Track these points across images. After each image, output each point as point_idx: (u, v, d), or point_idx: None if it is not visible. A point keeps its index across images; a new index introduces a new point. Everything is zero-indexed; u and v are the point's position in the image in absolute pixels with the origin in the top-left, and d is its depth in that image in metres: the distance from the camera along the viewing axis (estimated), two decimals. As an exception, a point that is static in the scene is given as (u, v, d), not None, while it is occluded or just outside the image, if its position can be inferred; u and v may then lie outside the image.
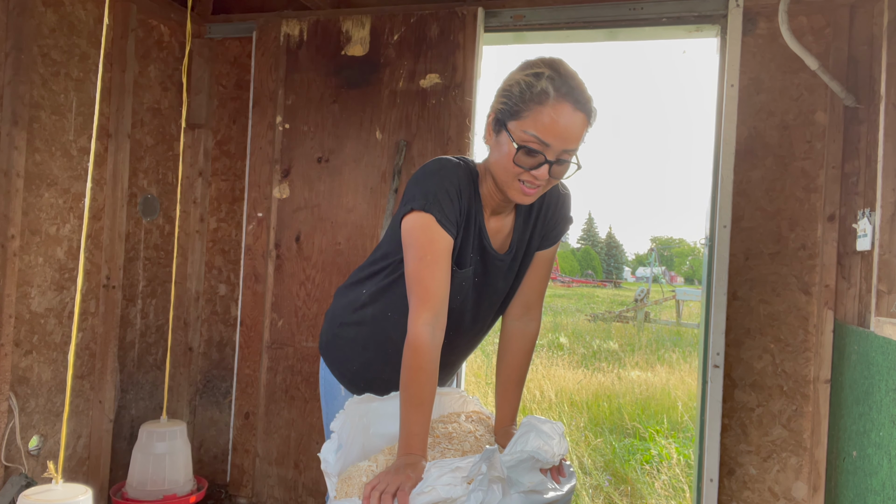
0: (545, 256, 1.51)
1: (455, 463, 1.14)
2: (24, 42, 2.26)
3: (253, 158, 2.96)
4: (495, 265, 1.43)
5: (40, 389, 2.43)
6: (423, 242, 1.28)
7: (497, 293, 1.48)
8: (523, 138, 1.24)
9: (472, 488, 1.09)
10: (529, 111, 1.23)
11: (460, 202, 1.31)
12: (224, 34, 3.11)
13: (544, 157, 1.24)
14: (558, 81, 1.23)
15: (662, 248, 66.20)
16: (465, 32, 2.68)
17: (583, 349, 9.20)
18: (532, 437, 1.23)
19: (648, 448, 4.43)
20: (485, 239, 1.39)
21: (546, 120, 1.22)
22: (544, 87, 1.23)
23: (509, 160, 1.26)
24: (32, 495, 1.60)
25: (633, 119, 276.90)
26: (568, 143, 1.25)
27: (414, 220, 1.30)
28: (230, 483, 2.96)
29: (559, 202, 1.49)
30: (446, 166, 1.33)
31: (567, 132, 1.23)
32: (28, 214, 2.34)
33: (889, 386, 1.80)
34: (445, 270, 1.30)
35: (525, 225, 1.46)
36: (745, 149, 2.47)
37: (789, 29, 2.23)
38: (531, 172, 1.26)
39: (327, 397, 1.61)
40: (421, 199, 1.29)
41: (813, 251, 2.43)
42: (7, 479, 2.27)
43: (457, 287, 1.39)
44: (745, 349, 2.48)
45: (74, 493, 1.63)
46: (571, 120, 1.23)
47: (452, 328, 1.44)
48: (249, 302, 2.94)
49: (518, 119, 1.25)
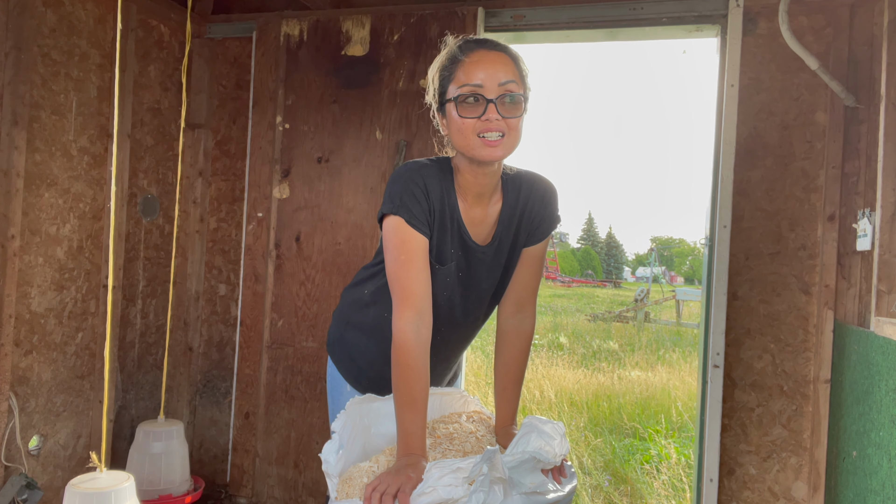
0: (534, 253, 1.51)
1: (456, 463, 1.14)
2: (24, 42, 2.26)
3: (253, 158, 2.96)
4: (478, 258, 1.44)
5: (40, 389, 2.43)
6: (397, 244, 1.33)
7: (483, 286, 1.49)
8: (458, 93, 1.30)
9: (474, 489, 1.09)
10: (452, 74, 1.32)
11: (428, 201, 1.35)
12: (224, 34, 3.11)
13: (483, 97, 1.28)
14: (464, 43, 1.34)
15: (662, 248, 66.22)
16: (466, 33, 2.68)
17: (583, 349, 9.21)
18: (533, 437, 1.23)
19: (648, 448, 4.43)
20: (464, 233, 1.42)
21: (468, 68, 1.30)
22: (455, 50, 1.33)
23: (457, 119, 1.31)
24: (79, 483, 1.65)
25: (633, 119, 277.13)
26: (497, 76, 1.29)
27: (387, 224, 1.35)
28: (230, 483, 2.96)
29: (545, 195, 1.50)
30: (412, 168, 1.37)
31: (491, 67, 1.29)
32: (28, 214, 2.34)
33: (889, 386, 1.80)
34: (422, 268, 1.33)
35: (510, 218, 1.46)
36: (745, 149, 2.47)
37: (789, 29, 2.23)
38: (482, 120, 1.29)
39: (333, 393, 1.64)
40: (389, 203, 1.34)
41: (813, 251, 2.43)
42: (7, 479, 2.27)
43: (441, 283, 1.42)
44: (745, 349, 2.48)
45: (119, 479, 1.68)
46: (491, 57, 1.30)
47: (443, 323, 1.46)
48: (249, 302, 2.94)
49: (448, 87, 1.33)
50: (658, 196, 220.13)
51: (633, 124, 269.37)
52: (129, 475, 1.72)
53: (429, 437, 1.40)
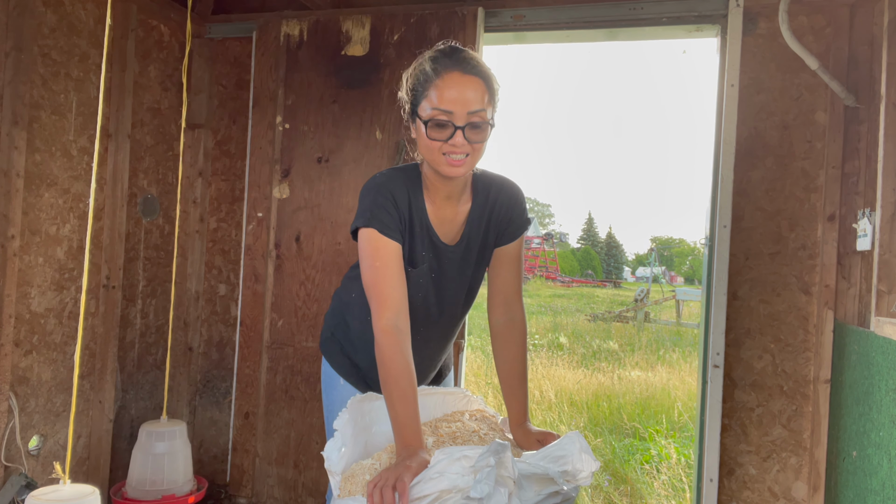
0: (509, 253, 1.59)
1: (464, 451, 1.14)
2: (24, 42, 2.26)
3: (253, 158, 2.96)
4: (448, 257, 1.53)
5: (40, 389, 2.43)
6: (371, 252, 1.40)
7: (456, 284, 1.57)
8: (429, 115, 1.36)
9: (478, 480, 1.08)
10: (426, 92, 1.37)
11: (398, 210, 1.44)
12: (224, 34, 3.11)
13: (452, 124, 1.35)
14: (441, 59, 1.37)
15: (662, 248, 66.20)
16: (466, 32, 2.68)
17: (583, 349, 9.20)
18: (564, 461, 1.20)
19: (648, 448, 4.43)
20: (433, 235, 1.50)
21: (441, 92, 1.34)
22: (429, 67, 1.37)
23: (426, 139, 1.38)
24: (41, 496, 1.61)
25: (633, 119, 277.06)
26: (468, 105, 1.34)
27: (361, 236, 1.43)
28: (230, 483, 2.96)
29: (512, 197, 1.58)
30: (378, 182, 1.46)
31: (462, 96, 1.34)
32: (28, 214, 2.34)
33: (889, 386, 1.80)
34: (397, 273, 1.40)
35: (479, 218, 1.55)
36: (745, 149, 2.47)
37: (789, 29, 2.23)
38: (448, 143, 1.36)
39: (327, 388, 1.71)
40: (360, 217, 1.42)
41: (813, 251, 2.43)
42: (7, 479, 2.27)
43: (415, 285, 1.51)
44: (745, 349, 2.48)
45: (82, 493, 1.65)
46: (463, 83, 1.35)
47: (422, 324, 1.56)
48: (249, 302, 2.94)
49: (421, 102, 1.38)
50: (658, 196, 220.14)
51: (633, 124, 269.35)
52: (93, 488, 1.68)
53: (432, 436, 1.42)
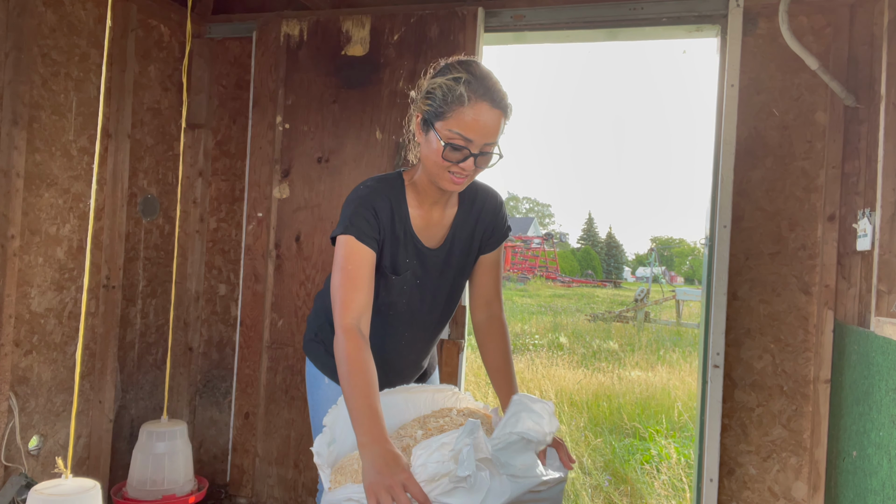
0: (491, 260, 1.67)
1: (440, 439, 1.16)
2: (24, 42, 2.26)
3: (253, 158, 2.96)
4: (431, 261, 1.58)
5: (40, 389, 2.43)
6: (345, 256, 1.44)
7: (440, 288, 1.63)
8: (449, 136, 1.39)
9: (462, 459, 1.11)
10: (452, 112, 1.38)
11: (378, 221, 1.48)
12: (224, 34, 3.11)
13: (469, 151, 1.40)
14: (475, 84, 1.38)
15: (662, 248, 66.18)
16: (466, 32, 2.68)
17: (583, 349, 9.20)
18: (522, 416, 1.26)
19: (648, 448, 4.43)
20: (416, 241, 1.55)
21: (467, 119, 1.37)
22: (463, 91, 1.37)
23: (438, 156, 1.41)
24: (43, 490, 1.64)
25: (633, 119, 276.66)
26: (488, 137, 1.40)
27: (338, 242, 1.47)
28: (230, 483, 2.96)
29: (495, 206, 1.66)
30: (360, 194, 1.50)
31: (486, 128, 1.38)
32: (28, 214, 2.34)
33: (889, 386, 1.80)
34: (366, 278, 1.44)
35: (465, 223, 1.60)
36: (745, 149, 2.47)
37: (789, 29, 2.23)
38: (459, 165, 1.41)
39: (312, 388, 1.75)
40: (340, 225, 1.47)
41: (813, 251, 2.43)
42: (7, 479, 2.27)
43: (398, 291, 1.57)
44: (745, 349, 2.48)
45: (84, 487, 1.68)
46: (489, 117, 1.38)
47: (407, 328, 1.63)
48: (249, 302, 2.94)
49: (443, 119, 1.39)
50: (658, 196, 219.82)
51: (633, 124, 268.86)
52: (95, 482, 1.71)
53: (420, 430, 1.45)
